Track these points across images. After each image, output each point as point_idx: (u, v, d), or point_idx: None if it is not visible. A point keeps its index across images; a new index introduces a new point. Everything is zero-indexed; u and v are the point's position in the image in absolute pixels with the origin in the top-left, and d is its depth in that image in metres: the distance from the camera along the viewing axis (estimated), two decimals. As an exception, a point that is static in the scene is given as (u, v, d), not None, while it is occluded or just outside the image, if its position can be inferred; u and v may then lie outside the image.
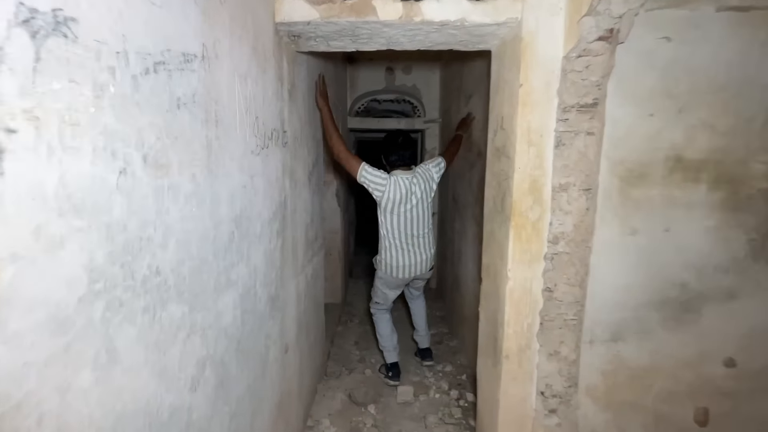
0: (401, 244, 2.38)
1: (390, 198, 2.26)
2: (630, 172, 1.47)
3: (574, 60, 1.37)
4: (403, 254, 2.40)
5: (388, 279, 2.47)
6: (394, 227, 2.35)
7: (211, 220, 0.92)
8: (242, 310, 1.15)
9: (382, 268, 2.45)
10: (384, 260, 2.43)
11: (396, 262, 2.40)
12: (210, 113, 0.90)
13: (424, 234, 2.43)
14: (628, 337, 1.57)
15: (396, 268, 2.41)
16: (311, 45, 1.68)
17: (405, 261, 2.40)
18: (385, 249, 2.41)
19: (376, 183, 2.25)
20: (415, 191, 2.34)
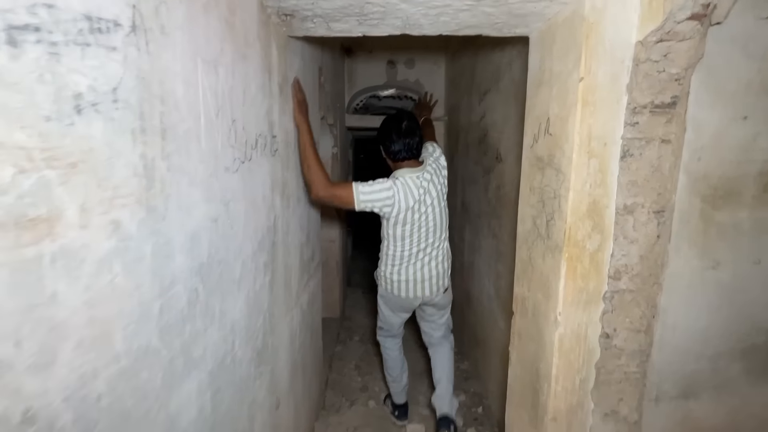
0: (409, 255, 1.83)
1: (402, 208, 1.71)
2: (714, 191, 1.16)
3: (651, 46, 1.05)
4: (408, 267, 1.84)
5: (390, 298, 1.94)
6: (405, 237, 1.80)
7: (154, 284, 0.59)
8: (213, 391, 0.82)
9: (383, 284, 1.93)
10: (384, 275, 1.90)
11: (399, 277, 1.85)
12: (150, 119, 0.57)
13: (438, 244, 1.86)
14: (702, 392, 1.27)
15: (399, 285, 1.87)
16: (308, 27, 1.34)
17: (410, 275, 1.85)
18: (387, 260, 1.87)
19: (382, 200, 1.68)
20: (429, 191, 1.77)
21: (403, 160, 1.77)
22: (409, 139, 1.75)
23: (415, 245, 1.82)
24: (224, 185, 0.85)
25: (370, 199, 1.67)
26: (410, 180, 1.73)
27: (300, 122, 1.56)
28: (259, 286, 1.12)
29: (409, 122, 1.77)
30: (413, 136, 1.76)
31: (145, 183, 0.56)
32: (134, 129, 0.53)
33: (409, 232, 1.79)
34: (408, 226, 1.76)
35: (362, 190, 1.65)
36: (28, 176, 0.38)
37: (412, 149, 1.76)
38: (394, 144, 1.75)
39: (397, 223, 1.76)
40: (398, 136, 1.74)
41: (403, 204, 1.71)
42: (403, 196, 1.70)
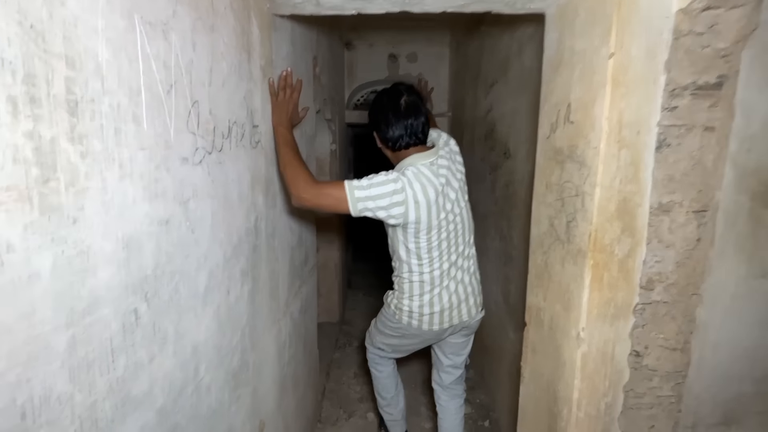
0: (440, 276, 1.38)
1: (422, 206, 1.26)
2: (766, 187, 0.99)
3: (695, 16, 0.88)
4: (442, 293, 1.39)
5: (408, 333, 1.48)
6: (432, 250, 1.34)
7: (56, 311, 0.44)
8: (168, 430, 0.67)
9: (404, 319, 1.44)
10: (406, 308, 1.43)
11: (431, 309, 1.40)
12: (47, 86, 0.41)
13: (469, 252, 1.45)
14: (746, 419, 1.10)
15: (431, 318, 1.41)
16: (294, 3, 1.19)
17: (446, 303, 1.40)
18: (412, 290, 1.40)
19: (388, 196, 1.22)
20: (450, 182, 1.34)
21: (406, 147, 1.34)
22: (412, 120, 1.30)
23: (446, 260, 1.36)
24: (180, 179, 0.69)
25: (370, 196, 1.20)
26: (424, 168, 1.27)
27: (275, 125, 1.23)
28: (234, 298, 0.97)
29: (410, 97, 1.32)
30: (417, 115, 1.31)
31: (38, 173, 0.41)
32: (14, 96, 0.38)
33: (437, 242, 1.33)
34: (435, 233, 1.31)
35: (359, 186, 1.21)
36: None
37: (416, 133, 1.32)
38: (392, 128, 1.31)
39: (420, 231, 1.29)
40: (397, 117, 1.30)
41: (422, 200, 1.24)
42: (420, 188, 1.23)
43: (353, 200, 1.20)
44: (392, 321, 1.50)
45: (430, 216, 1.28)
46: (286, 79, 1.26)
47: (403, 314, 1.45)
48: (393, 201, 1.22)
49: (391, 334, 1.54)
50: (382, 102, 1.36)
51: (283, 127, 1.23)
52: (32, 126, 0.40)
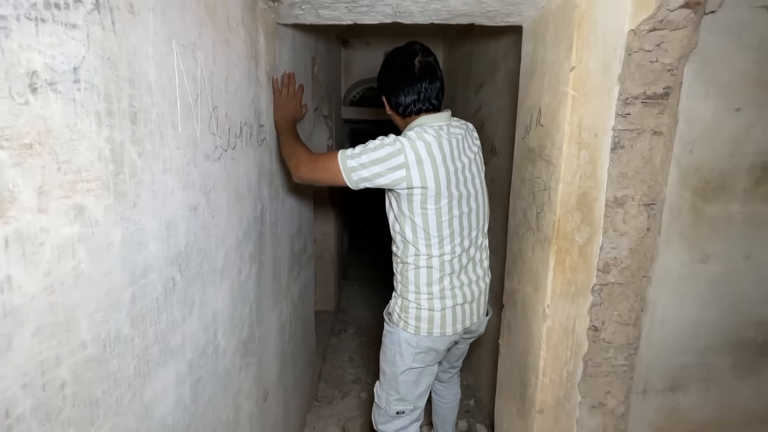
0: (449, 262, 1.18)
1: (427, 167, 1.09)
2: (706, 183, 1.14)
3: (644, 35, 1.03)
4: (453, 281, 1.20)
5: (423, 346, 1.21)
6: (442, 224, 1.14)
7: (125, 272, 0.58)
8: (194, 380, 0.82)
9: (412, 324, 1.20)
10: (415, 305, 1.20)
11: (444, 303, 1.19)
12: (119, 101, 0.55)
13: (482, 243, 1.28)
14: (690, 386, 1.27)
15: (443, 318, 1.19)
16: (296, 15, 1.32)
17: (458, 297, 1.21)
18: (419, 278, 1.19)
19: (385, 166, 1.07)
20: (464, 149, 1.19)
21: (417, 114, 1.19)
22: (426, 84, 1.16)
23: (458, 244, 1.18)
24: (204, 173, 0.83)
25: (363, 164, 1.08)
26: (430, 129, 1.13)
27: (278, 119, 1.31)
28: (244, 276, 1.11)
29: (425, 57, 1.18)
30: (432, 78, 1.17)
31: (113, 168, 0.55)
32: (99, 111, 0.52)
33: (448, 218, 1.14)
34: (445, 203, 1.12)
35: (351, 155, 1.09)
36: (-24, 157, 0.37)
37: (430, 99, 1.17)
38: (403, 92, 1.17)
39: (427, 198, 1.10)
40: (409, 81, 1.16)
41: (426, 158, 1.07)
42: (424, 146, 1.08)
43: (346, 171, 1.08)
44: (403, 336, 1.21)
45: (438, 178, 1.09)
46: (290, 77, 1.36)
47: (409, 318, 1.20)
48: (391, 165, 1.07)
49: (402, 366, 1.23)
50: (393, 62, 1.20)
51: (283, 123, 1.31)
52: (109, 133, 0.54)
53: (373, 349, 3.11)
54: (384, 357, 1.30)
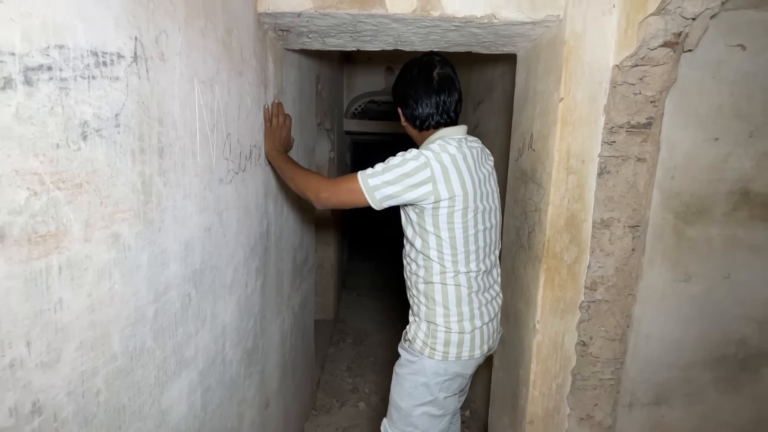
0: (475, 279, 1.13)
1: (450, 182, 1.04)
2: (687, 207, 1.22)
3: (627, 70, 1.11)
4: (480, 306, 1.15)
5: (452, 371, 1.13)
6: (469, 237, 1.10)
7: (149, 291, 0.64)
8: (204, 389, 0.88)
9: (438, 353, 1.11)
10: (444, 328, 1.11)
11: (471, 324, 1.12)
12: (148, 139, 0.62)
13: (497, 262, 1.24)
14: (674, 400, 1.33)
15: (471, 338, 1.13)
16: (303, 42, 1.40)
17: (485, 317, 1.16)
18: (445, 295, 1.11)
19: (411, 182, 1.03)
20: (482, 162, 1.16)
21: (435, 127, 1.16)
22: (445, 96, 1.13)
23: (482, 261, 1.14)
24: (218, 196, 0.90)
25: (387, 181, 1.03)
26: (453, 141, 1.09)
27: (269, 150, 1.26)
28: (250, 290, 1.18)
29: (443, 69, 1.14)
30: (450, 91, 1.13)
31: (143, 198, 0.62)
32: (134, 149, 0.59)
33: (474, 232, 1.10)
34: (471, 217, 1.09)
35: (372, 173, 1.05)
36: (39, 198, 0.43)
37: (448, 112, 1.14)
38: (421, 104, 1.13)
39: (455, 211, 1.06)
40: (427, 93, 1.13)
41: (452, 169, 1.04)
42: (449, 159, 1.05)
43: (369, 191, 1.04)
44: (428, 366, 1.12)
45: (465, 189, 1.06)
46: (278, 107, 1.30)
47: (437, 344, 1.11)
48: (417, 181, 1.03)
49: (424, 398, 1.14)
50: (411, 73, 1.16)
51: (276, 152, 1.26)
52: (141, 167, 0.61)
53: (370, 359, 3.16)
54: (400, 390, 1.17)
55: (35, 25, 0.42)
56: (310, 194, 1.13)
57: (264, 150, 1.26)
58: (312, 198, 1.13)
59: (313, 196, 1.12)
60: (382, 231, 7.43)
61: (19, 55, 0.40)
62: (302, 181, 1.15)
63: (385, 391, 2.64)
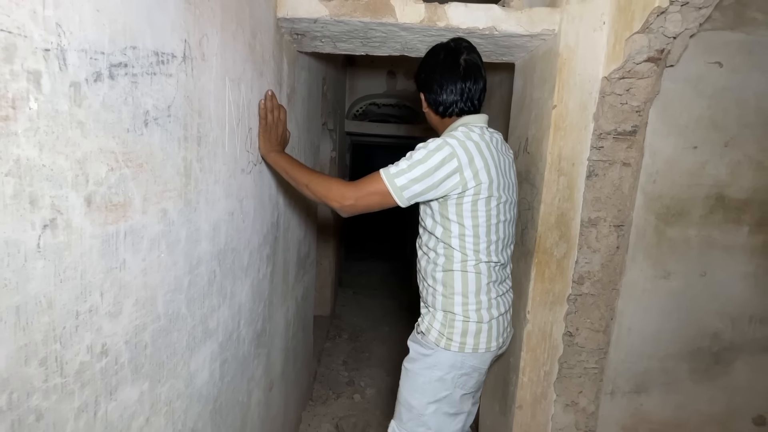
0: (496, 271, 1.12)
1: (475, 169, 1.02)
2: (667, 209, 1.32)
3: (615, 82, 1.21)
4: (497, 297, 1.13)
5: (468, 364, 1.10)
6: (490, 227, 1.08)
7: (186, 263, 0.73)
8: (222, 360, 0.96)
9: (456, 341, 1.08)
10: (462, 317, 1.08)
11: (489, 314, 1.10)
12: (191, 129, 0.71)
13: (510, 256, 1.21)
14: (652, 389, 1.43)
15: (489, 329, 1.10)
16: (316, 45, 1.49)
17: (501, 308, 1.14)
18: (465, 282, 1.09)
19: (439, 176, 1.01)
20: (505, 152, 1.16)
21: (458, 115, 1.13)
22: (471, 84, 1.10)
23: (501, 253, 1.13)
24: (240, 185, 0.99)
25: (414, 178, 1.00)
26: (476, 128, 1.08)
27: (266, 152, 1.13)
28: (262, 275, 1.26)
29: (470, 56, 1.11)
30: (477, 78, 1.11)
31: (184, 180, 0.70)
32: (179, 137, 0.67)
33: (496, 222, 1.09)
34: (494, 205, 1.07)
35: (398, 172, 1.01)
36: (114, 173, 0.52)
37: (472, 100, 1.12)
38: (446, 91, 1.10)
39: (479, 199, 1.04)
40: (453, 79, 1.10)
41: (477, 156, 1.02)
42: (474, 146, 1.02)
43: (396, 191, 1.00)
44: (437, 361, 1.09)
45: (490, 176, 1.04)
46: (272, 100, 1.15)
47: (454, 334, 1.08)
48: (445, 173, 1.00)
49: (439, 395, 1.10)
50: (437, 59, 1.12)
51: (275, 153, 1.13)
52: (184, 153, 0.69)
53: (366, 354, 3.23)
54: (411, 386, 1.12)
55: (118, 29, 0.50)
56: (332, 202, 1.04)
57: (260, 152, 1.13)
58: (336, 206, 1.04)
59: (337, 204, 1.04)
60: (379, 230, 7.54)
61: (107, 54, 0.49)
62: (321, 188, 1.05)
63: (380, 384, 2.72)
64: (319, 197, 1.07)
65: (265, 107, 1.13)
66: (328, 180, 1.08)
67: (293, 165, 1.12)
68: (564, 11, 1.20)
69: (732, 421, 1.43)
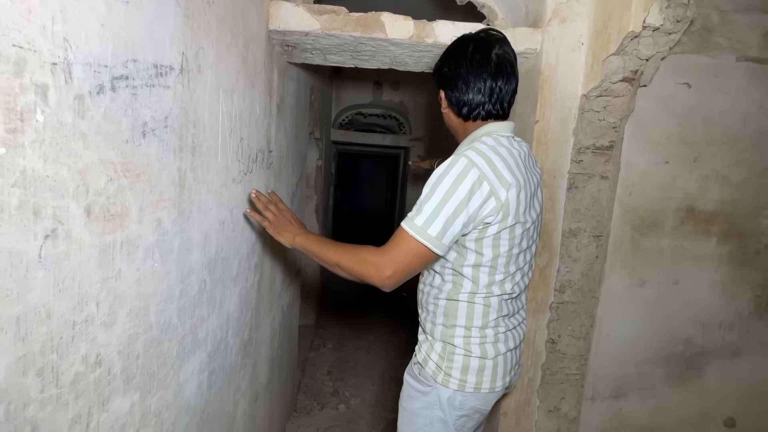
0: (507, 305, 0.98)
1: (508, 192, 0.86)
2: (642, 221, 1.39)
3: (593, 99, 1.28)
4: (507, 331, 0.98)
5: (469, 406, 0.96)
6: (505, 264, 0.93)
7: (178, 272, 0.73)
8: (210, 371, 0.95)
9: (456, 378, 0.94)
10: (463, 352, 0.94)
11: (495, 350, 0.96)
12: (186, 139, 0.72)
13: (527, 285, 1.04)
14: (630, 393, 1.48)
15: (494, 366, 0.95)
16: (306, 57, 1.51)
17: (510, 343, 0.99)
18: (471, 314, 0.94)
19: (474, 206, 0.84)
20: (533, 168, 1.00)
21: (483, 119, 0.96)
22: (503, 83, 0.93)
23: (517, 284, 0.97)
24: (231, 194, 0.99)
25: (447, 217, 0.83)
26: (504, 140, 0.91)
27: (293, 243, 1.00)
28: (249, 284, 1.26)
29: (503, 49, 0.93)
30: (510, 78, 0.94)
31: (178, 190, 0.71)
32: (175, 148, 0.68)
33: (517, 251, 0.93)
34: (518, 233, 0.91)
35: (427, 220, 0.84)
36: (112, 183, 0.52)
37: (502, 102, 0.95)
38: (473, 89, 0.93)
39: (504, 228, 0.88)
40: (481, 76, 0.92)
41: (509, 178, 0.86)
42: (503, 163, 0.86)
43: (434, 242, 0.84)
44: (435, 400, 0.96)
45: (518, 198, 0.87)
46: (259, 198, 1.05)
47: (453, 369, 0.94)
48: (480, 201, 0.84)
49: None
50: (465, 51, 0.94)
51: (301, 236, 1.00)
52: (179, 164, 0.70)
53: (351, 364, 3.21)
54: (412, 429, 1.00)
55: (120, 43, 0.51)
56: (372, 279, 0.88)
57: (286, 244, 1.01)
58: (377, 283, 0.88)
59: (378, 281, 0.87)
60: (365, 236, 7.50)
61: (110, 67, 0.50)
62: (353, 265, 0.89)
63: (365, 393, 2.71)
64: (355, 276, 0.90)
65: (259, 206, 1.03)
66: (359, 254, 0.90)
67: (320, 246, 0.97)
68: (545, 32, 1.26)
69: (704, 424, 1.49)
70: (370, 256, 0.88)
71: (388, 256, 0.86)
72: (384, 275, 0.86)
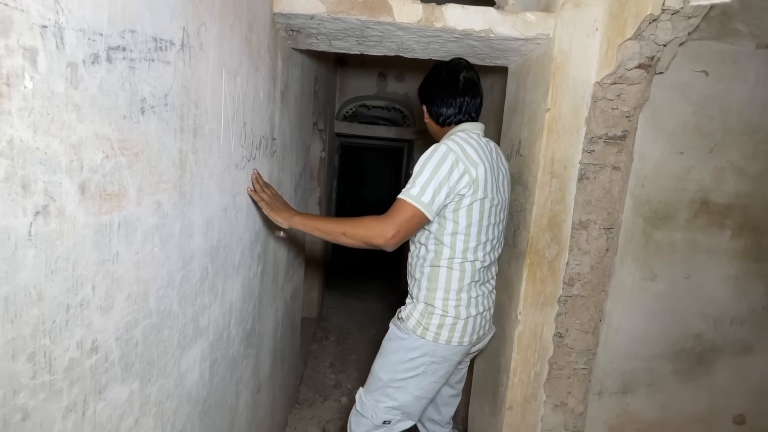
0: (480, 272, 1.20)
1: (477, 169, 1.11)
2: (654, 213, 1.35)
3: (607, 87, 1.24)
4: (477, 297, 1.21)
5: (440, 354, 1.18)
6: (482, 227, 1.16)
7: (179, 258, 0.70)
8: (212, 360, 0.93)
9: (430, 334, 1.16)
10: (441, 311, 1.16)
11: (467, 312, 1.17)
12: (187, 119, 0.69)
13: (497, 259, 1.29)
14: (638, 389, 1.45)
15: (464, 325, 1.17)
16: (310, 43, 1.47)
17: (480, 306, 1.21)
18: (449, 278, 1.16)
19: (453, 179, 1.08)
20: (501, 159, 1.26)
21: (456, 123, 1.26)
22: (469, 98, 1.24)
23: (488, 254, 1.21)
24: (234, 180, 0.96)
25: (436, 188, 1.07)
26: (474, 135, 1.19)
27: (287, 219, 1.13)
28: (252, 274, 1.23)
29: (468, 73, 1.25)
30: (474, 94, 1.25)
31: (179, 173, 0.68)
32: (176, 128, 0.65)
33: (487, 224, 1.17)
34: (487, 206, 1.15)
35: (420, 191, 1.07)
36: (109, 160, 0.50)
37: (470, 112, 1.25)
38: (445, 105, 1.24)
39: (475, 200, 1.12)
40: (452, 95, 1.23)
41: (477, 160, 1.11)
42: (473, 150, 1.11)
43: (426, 208, 1.07)
44: (411, 346, 1.17)
45: (486, 178, 1.12)
46: (259, 180, 1.15)
47: (431, 326, 1.16)
48: (457, 176, 1.09)
49: (406, 374, 1.19)
50: (439, 75, 1.27)
51: (297, 217, 1.14)
52: (180, 144, 0.67)
53: (353, 356, 3.21)
54: (383, 362, 1.23)
55: (117, 10, 0.48)
56: (376, 241, 1.07)
57: (282, 225, 1.14)
58: (380, 243, 1.07)
59: (381, 241, 1.07)
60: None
61: (105, 36, 0.47)
62: (360, 231, 1.08)
63: (367, 387, 2.70)
64: (360, 240, 1.09)
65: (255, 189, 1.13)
66: (362, 221, 1.10)
67: (321, 221, 1.16)
68: (558, 16, 1.22)
69: (714, 421, 1.47)
70: (375, 222, 1.08)
71: (390, 220, 1.08)
72: (388, 236, 1.06)
